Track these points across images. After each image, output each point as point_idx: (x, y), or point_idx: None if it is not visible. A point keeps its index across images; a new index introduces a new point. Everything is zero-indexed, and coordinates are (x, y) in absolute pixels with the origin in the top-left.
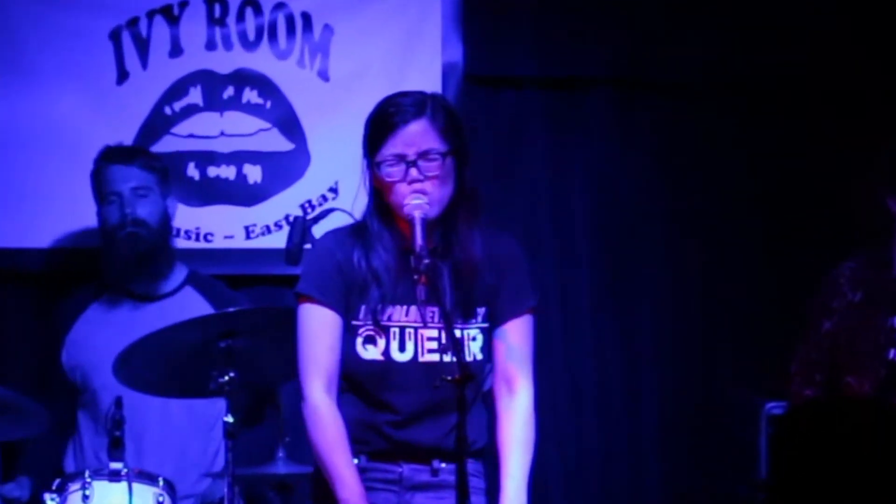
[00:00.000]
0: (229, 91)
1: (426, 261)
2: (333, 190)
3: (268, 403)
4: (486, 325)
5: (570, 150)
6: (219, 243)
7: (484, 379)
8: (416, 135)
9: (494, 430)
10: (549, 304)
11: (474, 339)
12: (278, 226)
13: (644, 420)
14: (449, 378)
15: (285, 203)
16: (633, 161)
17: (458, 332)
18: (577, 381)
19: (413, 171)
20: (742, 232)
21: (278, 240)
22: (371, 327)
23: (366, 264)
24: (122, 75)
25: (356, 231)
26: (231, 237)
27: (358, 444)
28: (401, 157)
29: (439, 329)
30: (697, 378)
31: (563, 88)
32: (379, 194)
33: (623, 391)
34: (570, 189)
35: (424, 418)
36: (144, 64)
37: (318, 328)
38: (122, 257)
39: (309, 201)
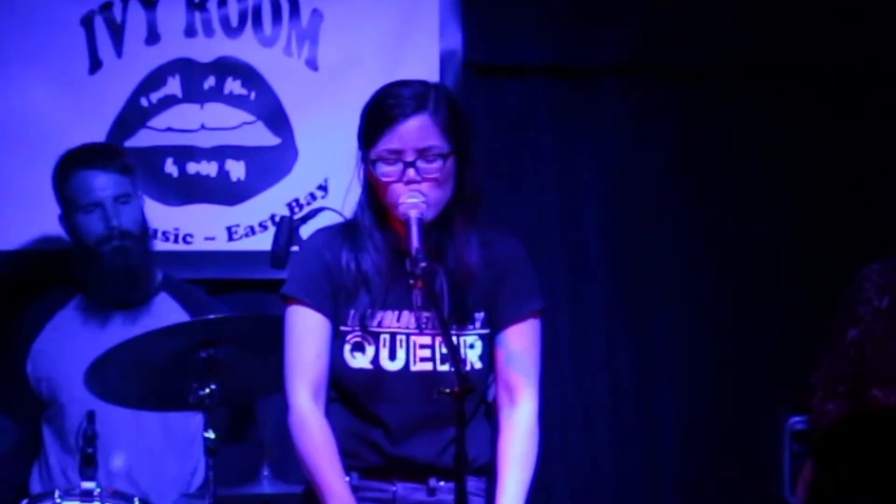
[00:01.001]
0: (210, 81)
1: (422, 264)
2: (323, 188)
3: (251, 418)
4: (485, 331)
5: (581, 145)
6: (199, 245)
7: (486, 390)
8: (416, 131)
9: (496, 443)
10: (559, 311)
11: (472, 346)
12: (263, 226)
13: (660, 436)
14: (447, 390)
15: (271, 202)
16: (651, 156)
17: (453, 340)
18: (589, 394)
19: (410, 172)
20: (769, 233)
21: (263, 241)
22: (360, 333)
23: (355, 266)
24: (95, 64)
25: (346, 230)
26: (212, 239)
27: (349, 458)
28: (398, 156)
29: (433, 336)
30: (718, 391)
31: (573, 78)
32: (372, 190)
33: (638, 405)
34: (581, 187)
35: (419, 433)
36: (119, 52)
37: (305, 332)
38: (108, 272)
39: (296, 200)
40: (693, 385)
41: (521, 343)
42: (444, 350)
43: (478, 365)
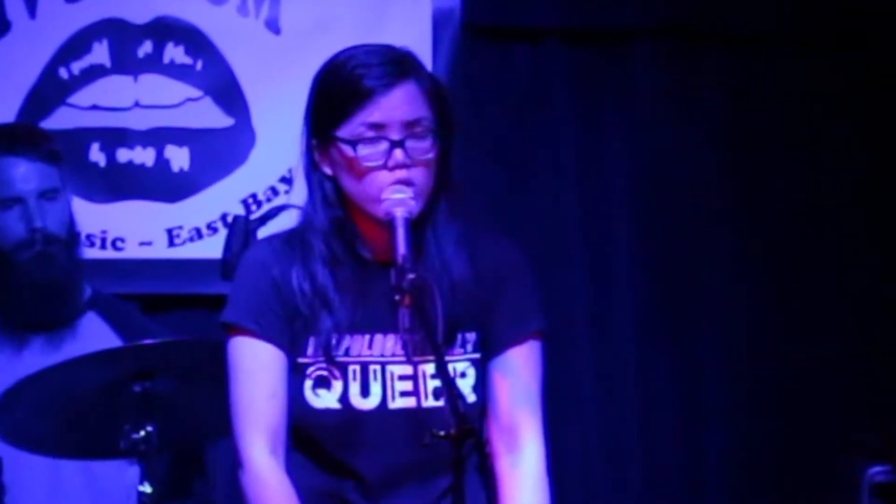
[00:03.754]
0: (146, 47)
1: (411, 275)
2: (286, 180)
3: (197, 467)
4: (478, 355)
5: (609, 127)
6: (132, 252)
7: (481, 429)
8: (403, 101)
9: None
10: (580, 331)
11: (464, 375)
12: (212, 229)
13: (705, 484)
14: (441, 433)
15: (222, 198)
16: (695, 140)
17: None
18: (617, 433)
19: (398, 154)
20: (841, 231)
21: (212, 247)
22: (323, 365)
23: (311, 283)
24: (3, 26)
25: (295, 238)
26: (148, 244)
27: None
28: (381, 132)
29: (415, 364)
30: (777, 429)
31: (599, 43)
32: (329, 180)
33: (678, 446)
34: (609, 178)
35: (402, 485)
36: (32, 11)
37: (255, 369)
38: (27, 285)
39: (254, 195)
40: (746, 422)
41: (521, 371)
42: (435, 382)
43: (471, 398)
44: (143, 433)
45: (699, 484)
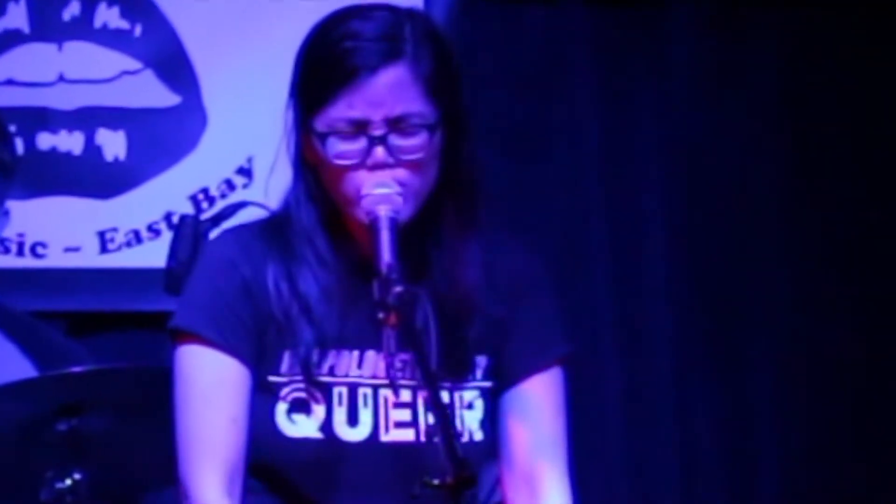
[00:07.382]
0: (73, 8)
1: (397, 288)
2: (245, 171)
3: None
4: (488, 384)
5: (637, 103)
6: (56, 260)
7: (485, 472)
8: (388, 91)
9: None
10: (604, 354)
11: (471, 407)
12: (154, 231)
13: None
14: (435, 482)
15: (166, 193)
16: (738, 119)
17: (445, 399)
18: (651, 479)
19: (379, 152)
20: None
21: (153, 254)
22: (302, 386)
23: (289, 286)
24: None
25: (271, 230)
26: (76, 250)
27: None
28: (360, 128)
29: (414, 389)
30: (841, 478)
31: (624, 4)
32: (312, 170)
33: (724, 494)
34: (638, 165)
35: None
36: None
37: (213, 387)
38: None
39: (205, 190)
40: (805, 467)
41: (542, 407)
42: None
43: (478, 436)
44: (69, 482)
45: None
